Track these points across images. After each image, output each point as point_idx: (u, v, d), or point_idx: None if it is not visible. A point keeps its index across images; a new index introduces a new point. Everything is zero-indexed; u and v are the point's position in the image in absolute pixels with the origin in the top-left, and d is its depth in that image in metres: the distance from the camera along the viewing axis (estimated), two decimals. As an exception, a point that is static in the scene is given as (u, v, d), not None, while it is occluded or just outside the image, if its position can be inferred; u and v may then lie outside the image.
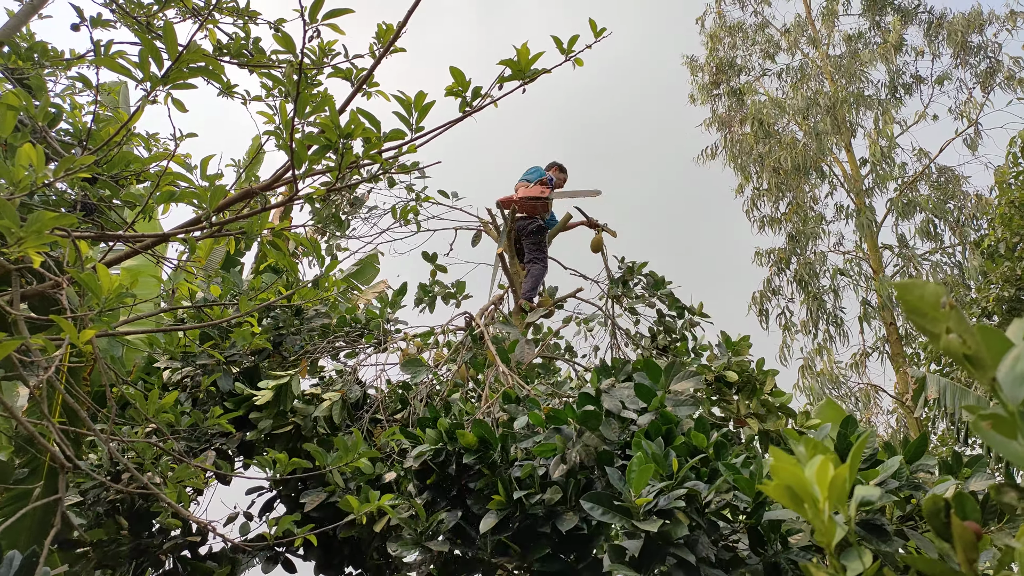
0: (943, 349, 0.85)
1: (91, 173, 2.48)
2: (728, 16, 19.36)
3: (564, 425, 2.96)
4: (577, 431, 2.90)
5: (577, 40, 3.00)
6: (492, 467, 3.06)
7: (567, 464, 2.80)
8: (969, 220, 15.80)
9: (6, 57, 3.50)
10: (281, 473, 2.97)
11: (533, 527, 2.89)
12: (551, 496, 2.80)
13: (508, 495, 2.85)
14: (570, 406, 2.99)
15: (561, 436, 2.90)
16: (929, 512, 0.95)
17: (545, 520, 2.85)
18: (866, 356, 15.46)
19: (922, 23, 17.90)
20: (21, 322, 2.40)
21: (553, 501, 2.80)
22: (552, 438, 2.93)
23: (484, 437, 3.09)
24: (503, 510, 2.86)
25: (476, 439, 3.06)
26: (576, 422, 2.91)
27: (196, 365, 4.51)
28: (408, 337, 5.33)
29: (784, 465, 0.84)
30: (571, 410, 2.95)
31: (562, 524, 2.78)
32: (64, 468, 2.00)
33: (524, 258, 6.62)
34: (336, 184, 2.42)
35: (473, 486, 3.08)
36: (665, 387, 3.19)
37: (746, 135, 17.53)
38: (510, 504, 2.86)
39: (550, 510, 2.85)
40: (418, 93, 2.71)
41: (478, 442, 3.07)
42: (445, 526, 3.03)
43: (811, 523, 0.87)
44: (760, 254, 16.99)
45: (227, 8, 3.88)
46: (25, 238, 1.64)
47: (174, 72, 2.21)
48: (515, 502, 2.88)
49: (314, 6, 2.35)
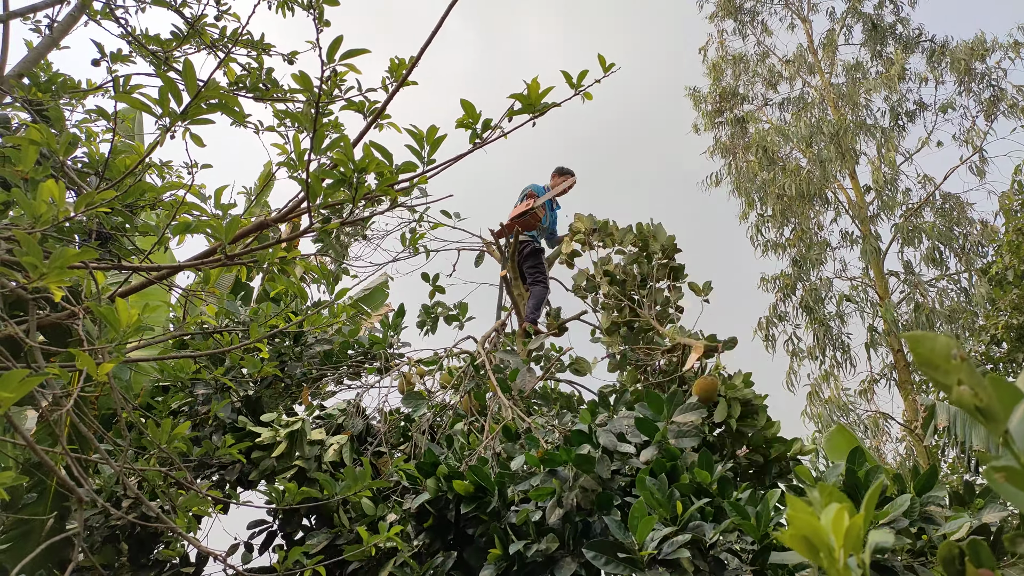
0: (955, 401, 0.86)
1: (109, 207, 2.53)
2: (730, 46, 19.60)
3: (560, 467, 2.93)
4: (573, 474, 2.87)
5: (586, 75, 3.05)
6: (490, 513, 3.03)
7: (563, 508, 2.77)
8: (975, 247, 15.80)
9: (26, 89, 3.58)
10: (289, 503, 2.97)
11: (532, 574, 2.85)
12: (548, 545, 2.76)
13: (505, 548, 2.82)
14: (564, 448, 2.96)
15: (557, 479, 2.88)
16: (944, 559, 0.96)
17: (543, 567, 2.81)
18: (874, 383, 15.38)
19: (924, 51, 18.06)
20: (37, 351, 2.43)
21: (551, 550, 2.76)
22: (548, 481, 2.89)
23: (480, 484, 3.07)
24: (501, 562, 2.82)
25: (472, 487, 3.04)
26: (572, 464, 2.88)
27: (195, 395, 4.50)
28: (411, 362, 5.33)
29: (800, 515, 0.86)
30: (566, 452, 2.92)
31: (560, 572, 2.73)
32: (82, 502, 2.01)
33: (526, 280, 6.63)
34: (350, 218, 2.46)
35: (471, 532, 3.05)
36: (667, 418, 3.16)
37: (750, 162, 17.64)
38: (506, 558, 2.82)
39: (548, 557, 2.81)
40: (430, 127, 2.76)
41: (475, 489, 3.05)
42: (441, 571, 3.00)
43: (826, 571, 0.88)
44: (766, 280, 17.00)
45: (242, 41, 3.96)
46: (48, 273, 1.68)
47: (193, 108, 2.26)
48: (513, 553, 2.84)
49: (332, 47, 2.41)
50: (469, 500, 3.02)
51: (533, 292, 6.48)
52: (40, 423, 4.63)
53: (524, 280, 6.67)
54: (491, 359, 5.27)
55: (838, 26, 19.01)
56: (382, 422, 4.67)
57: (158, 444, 2.64)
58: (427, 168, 2.86)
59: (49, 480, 4.74)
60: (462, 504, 3.03)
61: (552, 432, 3.85)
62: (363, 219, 4.43)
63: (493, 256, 6.88)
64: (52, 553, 4.65)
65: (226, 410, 4.39)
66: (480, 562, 2.90)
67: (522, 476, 3.06)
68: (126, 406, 3.44)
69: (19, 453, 4.19)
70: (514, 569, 2.82)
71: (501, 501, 3.06)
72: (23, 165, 2.24)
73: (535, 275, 6.58)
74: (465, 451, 3.73)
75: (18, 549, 4.55)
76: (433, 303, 6.82)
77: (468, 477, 3.04)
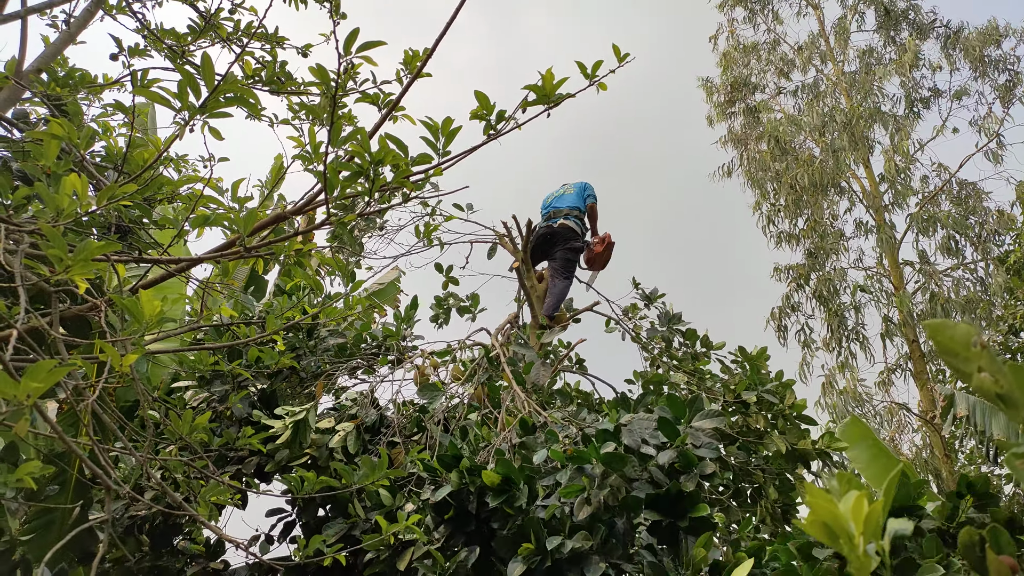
0: (975, 388, 0.87)
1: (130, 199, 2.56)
2: (741, 35, 19.43)
3: (587, 464, 2.93)
4: (601, 472, 2.88)
5: (601, 65, 3.05)
6: (516, 508, 3.03)
7: (591, 506, 2.78)
8: (991, 236, 15.63)
9: (44, 84, 3.62)
10: (308, 492, 3.00)
11: (559, 571, 2.85)
12: (580, 544, 2.77)
13: (539, 543, 2.81)
14: (593, 446, 2.97)
15: (587, 476, 2.88)
16: (964, 545, 0.97)
17: (571, 564, 2.81)
18: (891, 373, 15.29)
19: (939, 37, 17.81)
20: (60, 343, 2.47)
21: (583, 548, 2.77)
22: (577, 478, 2.90)
23: (508, 476, 3.07)
24: (532, 557, 2.81)
25: (499, 478, 3.03)
26: (600, 462, 2.88)
27: (211, 390, 4.55)
28: (425, 354, 5.35)
29: (820, 502, 0.87)
30: (594, 449, 2.92)
31: (589, 571, 2.74)
32: (110, 490, 2.05)
33: (551, 266, 6.54)
34: (367, 209, 2.48)
35: (495, 525, 3.06)
36: (688, 422, 3.15)
37: (762, 153, 17.51)
38: (540, 551, 2.82)
39: (577, 555, 2.81)
40: (445, 119, 2.77)
41: (501, 480, 3.04)
42: (464, 566, 3.01)
43: (846, 557, 0.89)
44: (779, 270, 16.90)
45: (257, 34, 3.98)
46: (73, 265, 1.71)
47: (211, 102, 2.28)
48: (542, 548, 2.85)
49: (348, 39, 2.42)
50: (497, 493, 3.02)
51: (555, 286, 6.39)
52: (59, 415, 4.70)
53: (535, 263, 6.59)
54: (505, 351, 5.29)
55: (850, 12, 18.79)
56: (396, 413, 4.70)
57: (179, 435, 2.69)
58: (442, 160, 2.88)
59: (71, 471, 4.81)
60: (487, 496, 3.02)
61: (568, 427, 3.86)
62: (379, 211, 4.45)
63: (506, 248, 6.88)
64: (74, 544, 4.72)
65: (243, 404, 4.44)
66: (508, 554, 2.91)
67: (546, 471, 3.07)
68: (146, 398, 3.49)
69: (42, 444, 4.26)
70: (546, 565, 2.82)
71: (528, 495, 3.06)
72: (45, 159, 2.27)
73: (566, 270, 6.47)
74: (480, 442, 3.75)
75: (40, 540, 4.63)
76: (446, 294, 6.83)
77: (496, 469, 3.05)
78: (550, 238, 6.57)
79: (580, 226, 6.67)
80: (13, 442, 3.73)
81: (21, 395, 1.48)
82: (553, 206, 6.80)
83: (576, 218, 6.67)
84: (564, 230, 6.55)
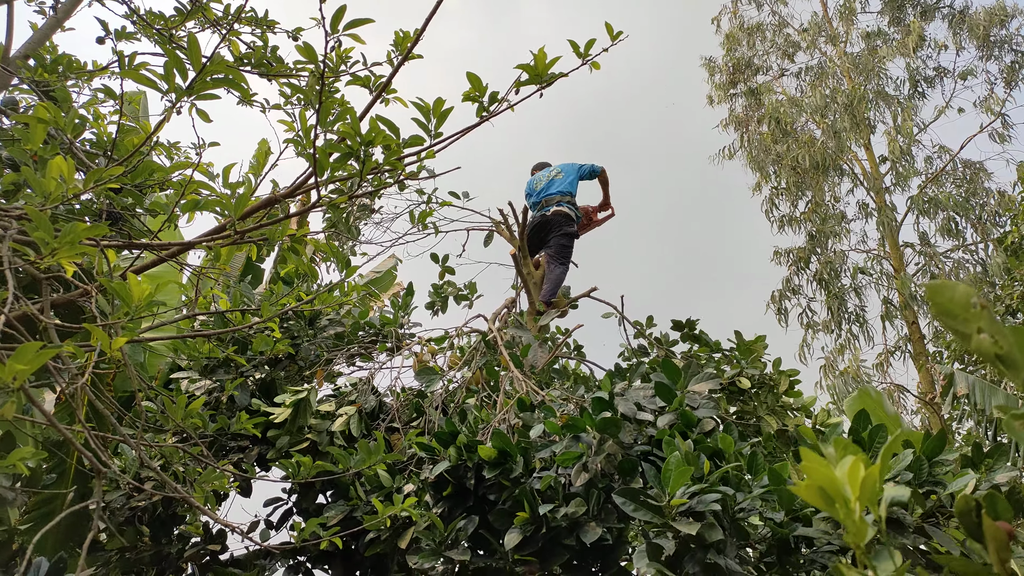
0: (974, 349, 0.85)
1: (118, 183, 2.53)
2: (744, 16, 19.27)
3: (583, 432, 2.95)
4: (597, 440, 2.89)
5: (593, 44, 3.00)
6: (512, 480, 3.05)
7: (588, 472, 2.79)
8: (992, 217, 15.58)
9: (32, 70, 3.58)
10: (305, 477, 2.99)
11: (556, 539, 2.89)
12: (576, 509, 2.79)
13: (533, 511, 2.84)
14: (588, 413, 2.98)
15: (583, 443, 2.90)
16: (961, 511, 0.95)
17: (568, 532, 2.84)
18: (890, 355, 15.30)
19: (945, 17, 17.67)
20: (52, 330, 2.45)
21: (578, 514, 2.80)
22: (573, 446, 2.92)
23: (504, 449, 3.09)
24: (527, 525, 2.84)
25: (496, 452, 3.05)
26: (595, 430, 2.90)
27: (212, 379, 4.54)
28: (422, 341, 5.34)
29: (815, 466, 0.85)
30: (589, 417, 2.94)
31: (586, 536, 2.77)
32: (100, 474, 2.04)
33: (547, 252, 6.52)
34: (358, 191, 2.45)
35: (493, 498, 3.07)
36: (684, 387, 3.18)
37: (764, 134, 17.42)
38: (535, 520, 2.85)
39: (573, 522, 2.84)
40: (436, 100, 2.73)
41: (498, 454, 3.07)
42: (464, 534, 3.03)
43: (843, 523, 0.87)
44: (779, 253, 16.87)
45: (246, 18, 3.93)
46: (59, 249, 1.68)
47: (198, 83, 2.24)
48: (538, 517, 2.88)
49: (335, 17, 2.38)
50: (492, 466, 3.04)
51: (553, 272, 6.37)
52: (57, 406, 4.69)
53: (534, 252, 6.58)
54: (502, 335, 5.27)
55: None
56: (394, 399, 4.69)
57: (174, 420, 2.67)
58: (435, 142, 2.84)
59: (69, 460, 4.81)
60: (484, 470, 3.05)
61: (566, 404, 3.86)
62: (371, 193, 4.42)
63: (503, 235, 6.84)
64: (74, 533, 4.73)
65: (244, 397, 4.43)
66: (504, 526, 2.93)
67: (543, 444, 3.08)
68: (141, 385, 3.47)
69: (38, 432, 4.25)
70: (540, 532, 2.85)
71: (524, 467, 3.08)
72: (32, 143, 2.24)
73: (562, 256, 6.45)
74: (479, 424, 3.75)
75: (39, 529, 4.64)
76: (443, 283, 6.81)
77: (492, 442, 3.07)
78: (544, 226, 6.55)
79: (574, 210, 6.65)
80: (9, 432, 3.72)
81: (7, 378, 1.46)
82: (545, 193, 6.74)
83: (569, 203, 6.64)
84: (557, 216, 6.52)
